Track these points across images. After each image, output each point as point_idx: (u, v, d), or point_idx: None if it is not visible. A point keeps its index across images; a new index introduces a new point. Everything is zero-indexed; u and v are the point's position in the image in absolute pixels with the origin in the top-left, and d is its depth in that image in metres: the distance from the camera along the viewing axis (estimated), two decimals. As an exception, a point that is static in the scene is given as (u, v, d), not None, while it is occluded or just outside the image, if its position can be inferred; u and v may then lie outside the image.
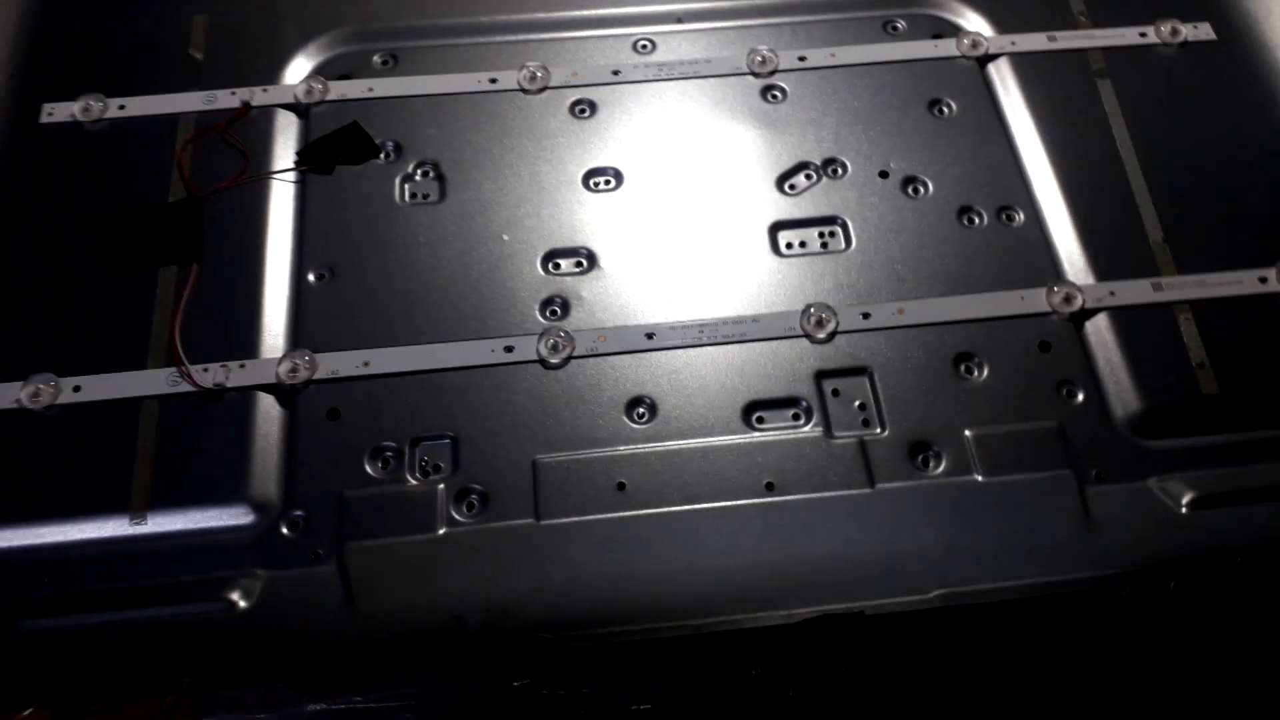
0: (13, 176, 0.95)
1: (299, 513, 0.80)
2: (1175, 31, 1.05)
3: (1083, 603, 0.70)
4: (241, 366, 0.85)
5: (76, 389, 0.84)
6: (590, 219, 0.94)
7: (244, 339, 0.87)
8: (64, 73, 1.00)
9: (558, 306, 0.89)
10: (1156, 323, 0.89)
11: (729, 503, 0.80)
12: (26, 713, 0.76)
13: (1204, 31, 1.05)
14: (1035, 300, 0.89)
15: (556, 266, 0.92)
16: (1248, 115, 1.00)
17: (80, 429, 0.83)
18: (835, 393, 0.86)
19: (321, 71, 1.02)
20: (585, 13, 1.06)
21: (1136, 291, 0.90)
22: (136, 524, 0.79)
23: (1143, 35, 1.05)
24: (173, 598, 0.76)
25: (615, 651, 0.79)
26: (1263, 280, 0.91)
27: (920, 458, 0.82)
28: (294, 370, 0.85)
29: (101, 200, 0.94)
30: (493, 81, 1.01)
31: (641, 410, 0.85)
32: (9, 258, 0.90)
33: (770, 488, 0.81)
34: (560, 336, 0.87)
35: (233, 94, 0.99)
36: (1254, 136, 0.99)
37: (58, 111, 0.98)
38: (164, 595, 0.76)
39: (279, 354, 0.86)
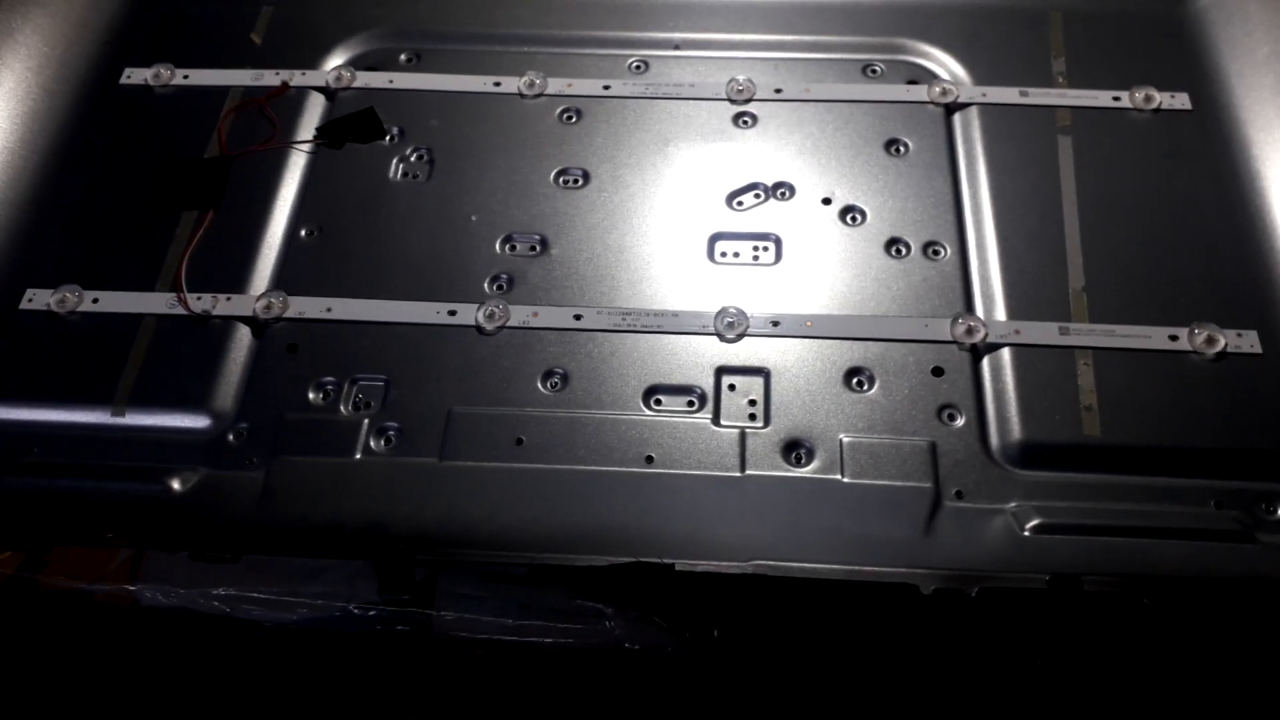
0: (89, 125, 1.12)
1: (244, 425, 0.93)
2: (1149, 98, 1.08)
3: (888, 594, 0.75)
4: (228, 299, 0.99)
5: (95, 301, 1.00)
6: (552, 211, 1.05)
7: (236, 277, 1.01)
8: (148, 44, 1.18)
9: (504, 282, 1.00)
10: (1055, 364, 0.92)
11: (608, 468, 0.88)
12: (4, 555, 0.90)
13: (1180, 101, 1.08)
14: (939, 328, 0.95)
15: (512, 248, 1.02)
16: (1205, 184, 1.03)
17: (90, 333, 0.99)
18: (731, 387, 0.93)
19: (354, 63, 1.16)
20: (592, 33, 1.17)
21: (1042, 333, 0.94)
22: (116, 416, 0.94)
23: (1116, 99, 1.09)
24: (126, 477, 0.90)
25: (482, 586, 0.88)
26: (1173, 338, 0.93)
27: (794, 454, 0.89)
28: (269, 307, 0.98)
29: (153, 151, 1.10)
30: (496, 85, 1.13)
31: (555, 380, 0.94)
32: (68, 188, 1.07)
33: (650, 460, 0.89)
34: (498, 308, 0.97)
35: (276, 74, 1.15)
36: (1204, 206, 1.01)
37: (134, 76, 1.16)
38: (120, 474, 0.90)
39: (261, 292, 1.00)
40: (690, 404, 0.93)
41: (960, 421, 0.90)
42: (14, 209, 1.06)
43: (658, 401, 0.93)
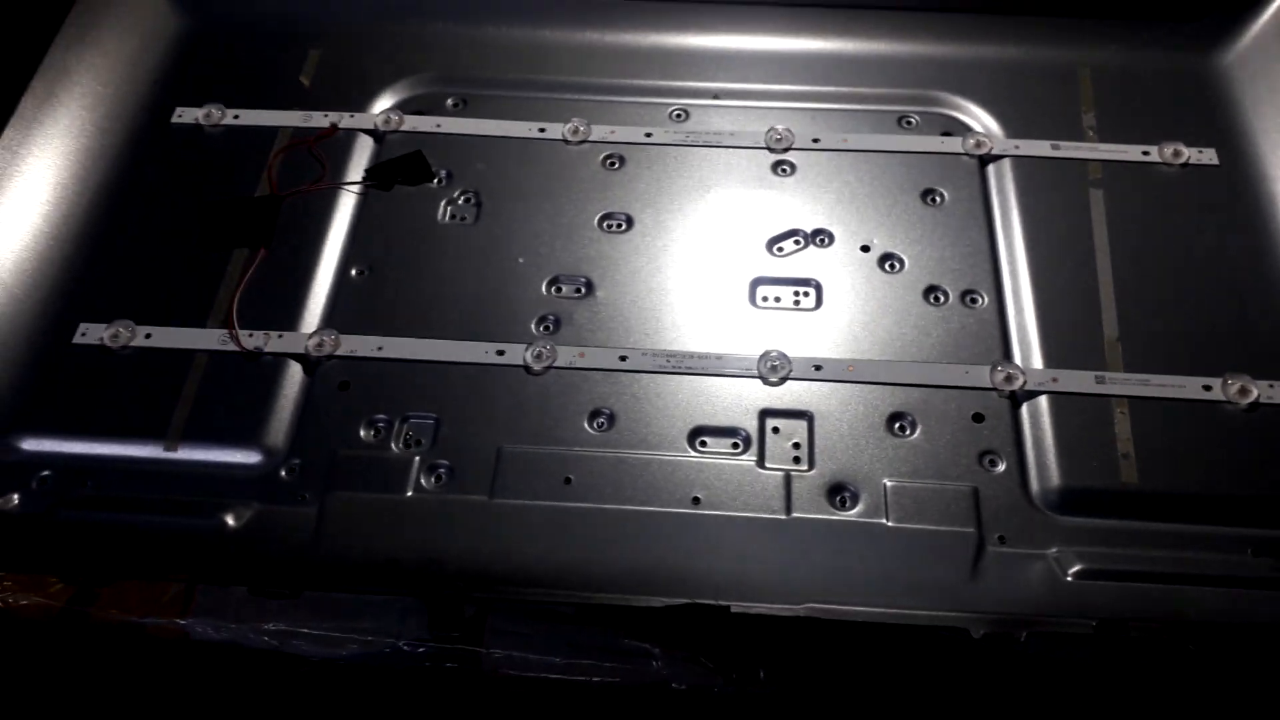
0: (141, 161, 1.15)
1: (297, 461, 0.94)
2: (1178, 153, 1.11)
3: (939, 638, 0.76)
4: (280, 336, 1.01)
5: (148, 336, 1.02)
6: (596, 254, 1.07)
7: (288, 315, 1.03)
8: (200, 84, 1.21)
9: (550, 323, 1.02)
10: (1092, 412, 0.95)
11: (657, 508, 0.90)
12: (57, 586, 0.91)
13: (1208, 156, 1.11)
14: (979, 375, 0.97)
15: (558, 290, 1.05)
16: (1233, 239, 1.05)
17: (143, 368, 1.00)
18: (775, 430, 0.95)
19: (401, 106, 1.19)
20: (634, 81, 1.20)
21: (1079, 381, 0.96)
22: (169, 451, 0.96)
23: (1145, 154, 1.12)
24: (180, 511, 0.91)
25: (533, 624, 0.89)
26: (1207, 389, 0.95)
27: (838, 497, 0.91)
28: (320, 345, 1.00)
29: (205, 189, 1.13)
30: (541, 130, 1.16)
31: (601, 420, 0.96)
32: (122, 224, 1.10)
33: (696, 501, 0.90)
34: (545, 348, 0.99)
35: (325, 116, 1.17)
36: (1233, 257, 1.04)
37: (186, 115, 1.19)
38: (174, 508, 0.92)
39: (313, 330, 1.02)
40: (735, 446, 0.94)
41: (1001, 467, 0.92)
42: (68, 244, 1.08)
43: (703, 443, 0.95)
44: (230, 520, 0.90)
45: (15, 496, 0.93)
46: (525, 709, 0.90)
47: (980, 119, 1.16)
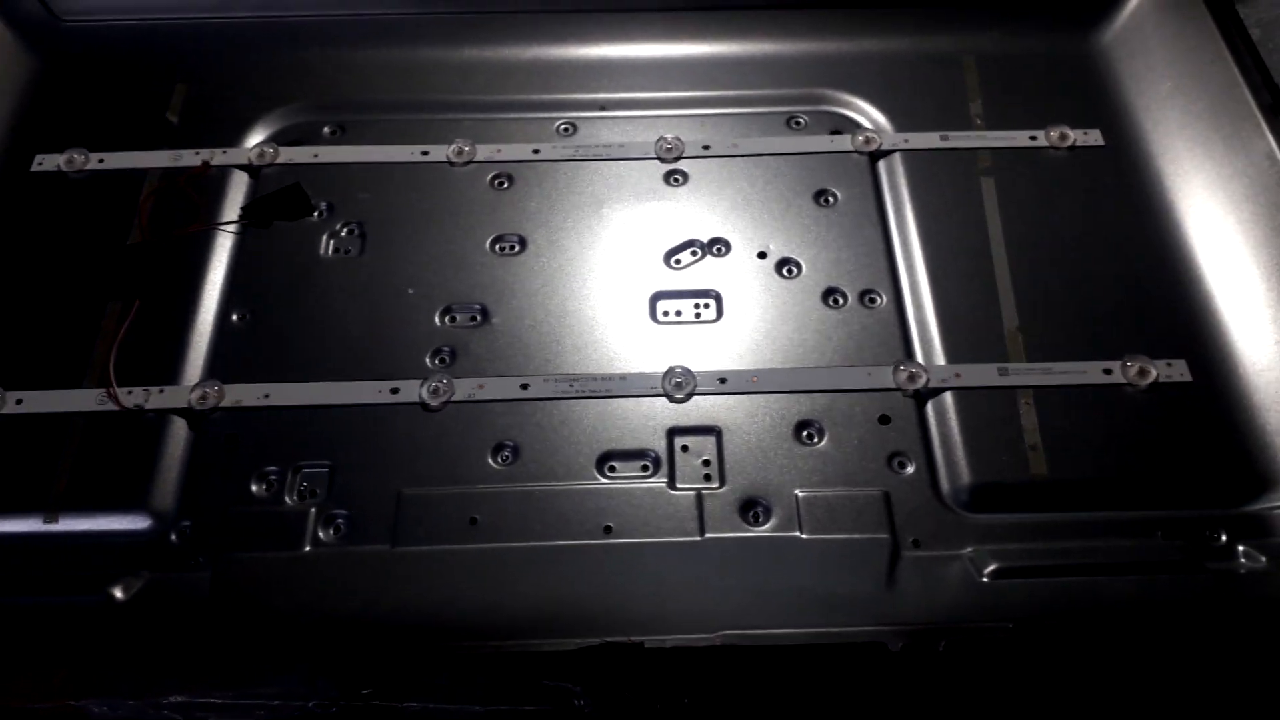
0: (2, 212, 1.08)
1: (186, 523, 0.89)
2: (1064, 136, 1.12)
3: (856, 655, 0.75)
4: (160, 391, 0.96)
5: (19, 401, 0.96)
6: (490, 279, 1.04)
7: (168, 367, 0.98)
8: (60, 127, 1.15)
9: (446, 355, 0.99)
10: (997, 405, 0.94)
11: (568, 541, 0.87)
12: (-69, 682, 0.85)
13: (1093, 138, 1.12)
14: (882, 377, 0.96)
15: (452, 319, 1.01)
16: (1123, 218, 1.06)
17: (16, 435, 0.94)
18: (684, 448, 0.93)
19: (276, 138, 1.14)
20: (517, 97, 1.17)
21: (982, 375, 0.96)
22: (49, 523, 0.90)
23: (1033, 139, 1.12)
24: (64, 588, 0.86)
25: (449, 669, 0.86)
26: (1107, 372, 0.96)
27: (751, 513, 0.89)
28: (204, 398, 0.95)
29: (72, 239, 1.06)
30: (424, 154, 1.12)
31: (506, 454, 0.93)
32: (-18, 285, 1.03)
33: (608, 530, 0.88)
34: (442, 383, 0.96)
35: (196, 154, 1.12)
36: (1125, 239, 1.05)
37: (47, 162, 1.12)
38: (58, 585, 0.86)
39: (194, 382, 0.97)
40: (645, 468, 0.92)
41: (911, 469, 0.91)
42: (-76, 308, 1.01)
43: (612, 468, 0.92)
44: (118, 593, 0.85)
45: (-121, 586, 0.86)
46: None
47: (869, 115, 1.16)
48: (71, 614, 0.85)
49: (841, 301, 1.01)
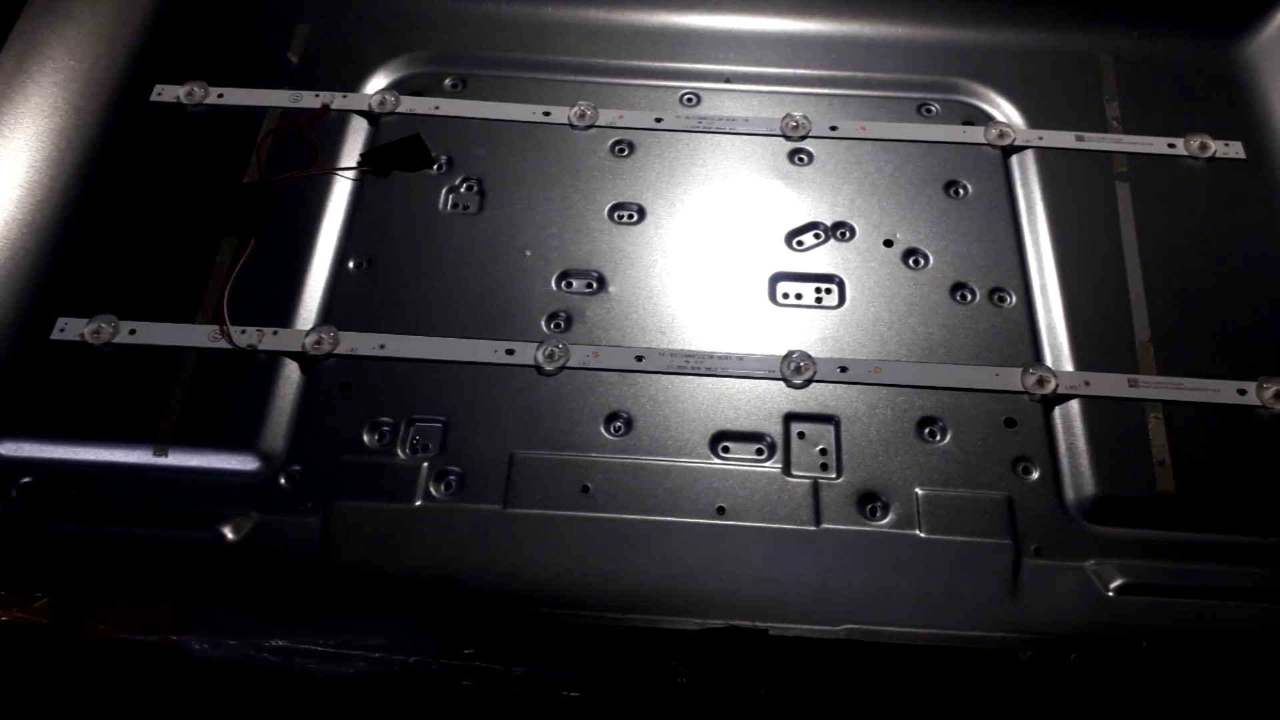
0: (119, 143, 1.08)
1: (297, 468, 0.89)
2: (1204, 146, 1.08)
3: (984, 660, 0.74)
4: (275, 333, 0.95)
5: (132, 331, 0.95)
6: (607, 247, 1.02)
7: (282, 310, 0.97)
8: (180, 60, 1.14)
9: (562, 320, 0.97)
10: (1125, 417, 0.92)
11: (680, 519, 0.86)
12: (41, 602, 0.86)
13: (1235, 150, 1.08)
14: (1010, 378, 0.93)
15: (569, 285, 1.00)
16: (1262, 234, 1.03)
17: (128, 367, 0.94)
18: (801, 435, 0.91)
19: (397, 86, 1.13)
20: (642, 63, 1.15)
21: (1111, 385, 0.93)
22: (159, 456, 0.90)
23: (1171, 146, 1.09)
24: (174, 523, 0.86)
25: (553, 639, 0.85)
26: (1241, 393, 0.93)
27: (869, 507, 0.87)
28: (318, 343, 0.95)
29: (188, 173, 1.06)
30: (546, 114, 1.10)
31: (619, 424, 0.92)
32: (101, 210, 1.03)
33: (721, 511, 0.87)
34: (558, 347, 0.94)
35: (316, 96, 1.11)
36: (1263, 255, 1.01)
37: (166, 93, 1.11)
38: (168, 520, 0.86)
39: (309, 327, 0.96)
40: (759, 452, 0.90)
41: (1035, 475, 0.89)
42: (43, 232, 1.01)
43: (725, 449, 0.91)
44: (229, 532, 0.85)
45: (-8, 505, 0.87)
46: (543, 728, 0.86)
47: (1001, 108, 1.12)
48: (179, 550, 0.85)
49: (970, 298, 0.99)
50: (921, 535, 0.85)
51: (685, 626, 0.77)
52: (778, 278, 1.00)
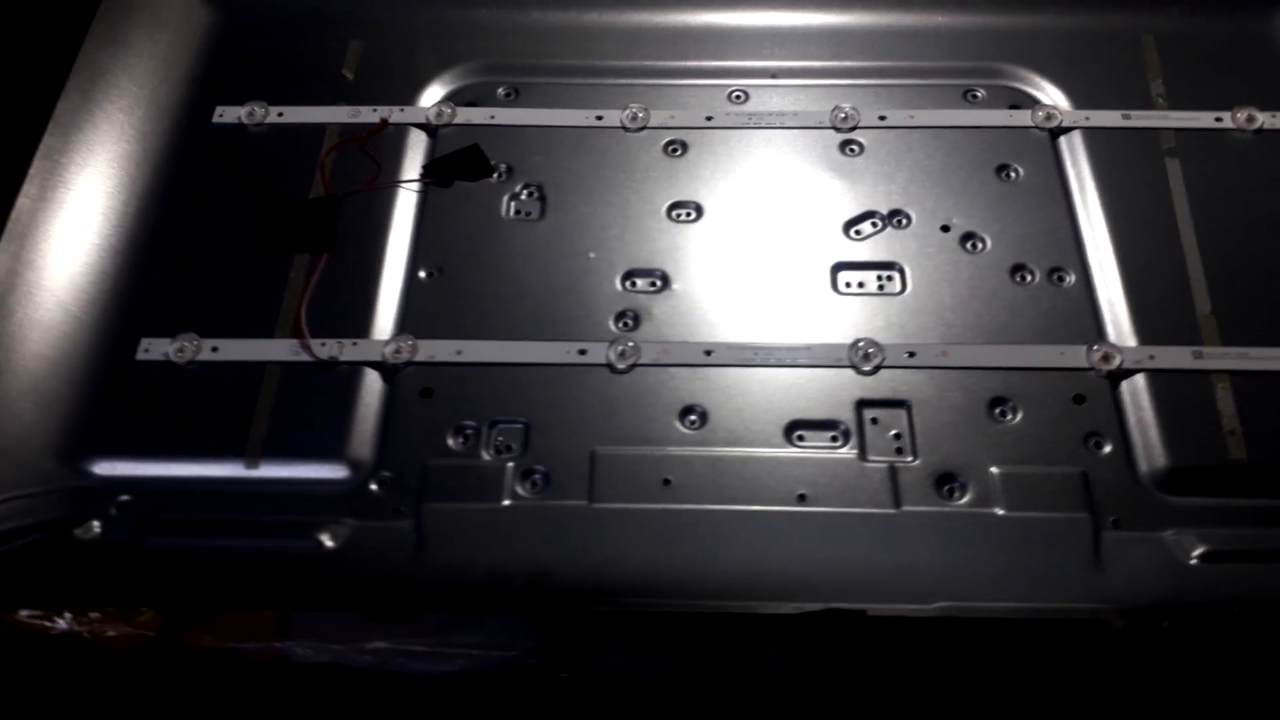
0: (185, 164, 1.10)
1: (387, 474, 0.91)
2: (1251, 118, 1.09)
3: (1078, 631, 0.75)
4: (354, 344, 0.98)
5: (214, 349, 0.98)
6: (669, 245, 1.04)
7: (358, 321, 0.99)
8: (237, 81, 1.16)
9: (630, 319, 0.99)
10: (1193, 389, 0.93)
11: (763, 507, 0.88)
12: (146, 616, 0.88)
13: (1281, 121, 1.10)
14: (1075, 356, 0.95)
15: (633, 284, 1.02)
16: (1314, 203, 1.04)
17: (212, 383, 0.97)
18: (874, 421, 0.93)
19: (451, 98, 1.15)
20: (688, 63, 1.17)
21: (1176, 357, 0.95)
22: (250, 468, 0.92)
23: (1218, 120, 1.10)
24: (271, 533, 0.88)
25: (645, 630, 0.87)
26: (1306, 359, 0.94)
27: (946, 487, 0.89)
28: (398, 351, 0.97)
29: (254, 192, 1.08)
30: (598, 118, 1.13)
31: (693, 418, 0.94)
32: (172, 232, 1.05)
33: (802, 498, 0.89)
34: (628, 346, 0.97)
35: (374, 111, 1.13)
36: (1317, 224, 1.03)
37: (227, 114, 1.14)
38: (265, 530, 0.89)
39: (387, 337, 0.98)
40: (834, 439, 0.93)
41: (1108, 449, 0.91)
42: (120, 255, 1.04)
43: (800, 437, 0.93)
44: (327, 539, 0.87)
45: (95, 524, 0.89)
46: (638, 717, 0.88)
47: (1046, 91, 1.14)
48: (280, 559, 0.87)
49: (1029, 278, 1.00)
50: (1000, 513, 0.87)
51: (783, 611, 0.79)
52: (839, 267, 1.02)
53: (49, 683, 0.92)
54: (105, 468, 0.93)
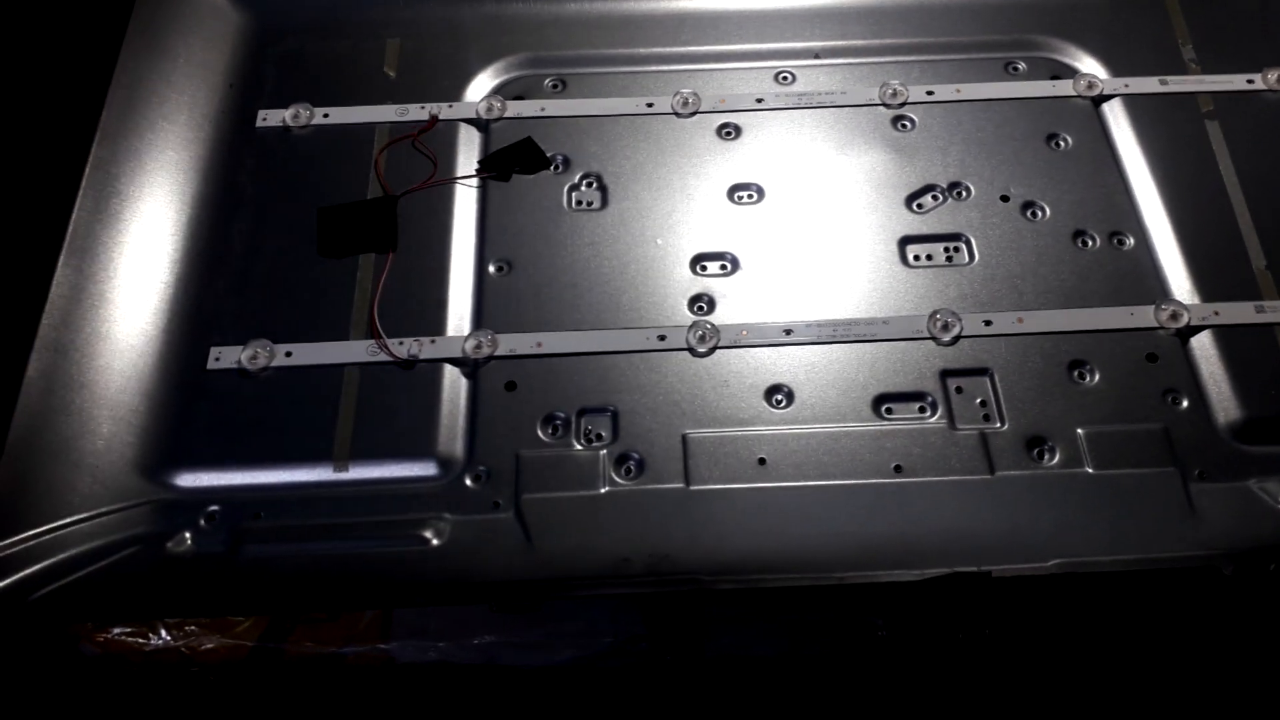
0: (233, 171, 1.09)
1: (482, 468, 0.91)
2: (1281, 79, 1.13)
3: (1188, 580, 0.78)
4: (432, 342, 0.97)
5: (288, 354, 0.97)
6: (734, 228, 1.05)
7: (433, 318, 0.99)
8: (277, 84, 1.15)
9: (704, 303, 1.00)
10: (1258, 341, 0.96)
11: (861, 480, 0.89)
12: (244, 625, 0.87)
13: (1311, 78, 1.13)
14: (1144, 316, 0.98)
15: (703, 268, 1.02)
16: (1351, 156, 1.08)
17: (289, 389, 0.96)
18: (959, 390, 0.95)
19: (499, 92, 1.15)
20: (733, 47, 1.17)
21: (1240, 312, 0.98)
22: (340, 471, 0.91)
23: (1250, 82, 1.13)
24: (371, 533, 0.88)
25: (750, 607, 0.88)
26: (1365, 307, 0.98)
27: (1036, 451, 0.91)
28: (478, 347, 0.97)
29: (306, 194, 1.07)
30: (649, 105, 1.13)
31: (780, 397, 0.95)
32: (230, 238, 1.04)
33: (898, 470, 0.90)
34: (708, 328, 0.97)
35: (422, 108, 1.12)
36: (1354, 178, 1.06)
37: (271, 117, 1.12)
38: (364, 531, 0.88)
39: (463, 333, 0.98)
40: (922, 410, 0.94)
41: (1185, 404, 0.93)
42: (180, 265, 1.02)
43: (889, 410, 0.94)
44: (431, 536, 0.87)
45: (187, 536, 0.88)
46: (749, 693, 0.89)
47: (1084, 61, 1.16)
48: (384, 559, 0.87)
49: (1091, 243, 1.03)
50: (1091, 471, 0.89)
51: (903, 579, 0.80)
52: (906, 240, 1.04)
53: (145, 701, 0.90)
54: (189, 479, 0.91)
